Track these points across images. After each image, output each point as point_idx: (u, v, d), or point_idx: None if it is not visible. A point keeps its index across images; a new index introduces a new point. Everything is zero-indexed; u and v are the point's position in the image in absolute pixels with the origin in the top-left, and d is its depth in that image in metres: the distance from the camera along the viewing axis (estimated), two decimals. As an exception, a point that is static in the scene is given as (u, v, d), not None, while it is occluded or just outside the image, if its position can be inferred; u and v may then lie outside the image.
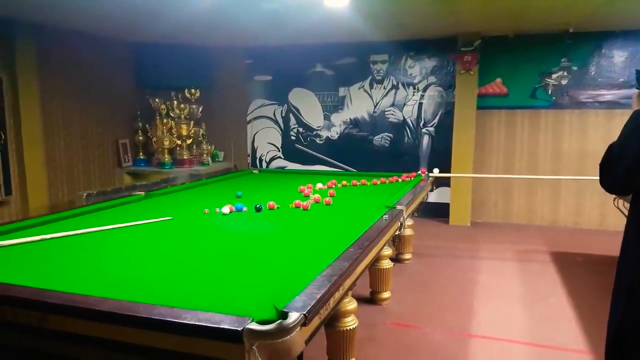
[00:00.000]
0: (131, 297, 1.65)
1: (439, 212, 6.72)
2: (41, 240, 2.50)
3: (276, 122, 7.50)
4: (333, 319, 2.43)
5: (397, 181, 4.74)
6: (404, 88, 6.86)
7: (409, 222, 4.53)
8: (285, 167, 7.30)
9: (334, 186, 4.36)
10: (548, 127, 6.41)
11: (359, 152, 7.10)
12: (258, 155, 7.65)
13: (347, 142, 7.18)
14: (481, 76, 6.40)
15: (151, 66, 6.77)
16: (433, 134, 6.82)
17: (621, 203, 4.60)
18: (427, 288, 4.27)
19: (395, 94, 6.90)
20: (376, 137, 7.05)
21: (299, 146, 7.43)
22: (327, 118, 7.24)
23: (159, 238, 2.67)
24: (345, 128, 7.18)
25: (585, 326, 3.46)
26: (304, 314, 1.49)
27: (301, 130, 7.39)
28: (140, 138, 6.89)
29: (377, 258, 3.48)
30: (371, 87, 6.99)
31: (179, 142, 6.84)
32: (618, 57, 6.05)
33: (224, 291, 1.83)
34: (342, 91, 7.13)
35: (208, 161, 7.12)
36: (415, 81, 6.81)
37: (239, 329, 1.37)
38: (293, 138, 7.45)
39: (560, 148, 6.38)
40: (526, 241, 5.74)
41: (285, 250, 2.43)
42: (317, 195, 3.74)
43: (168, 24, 5.21)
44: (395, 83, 6.88)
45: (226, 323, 1.41)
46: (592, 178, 5.58)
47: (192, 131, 6.92)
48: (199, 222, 3.05)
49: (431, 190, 5.04)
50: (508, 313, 3.72)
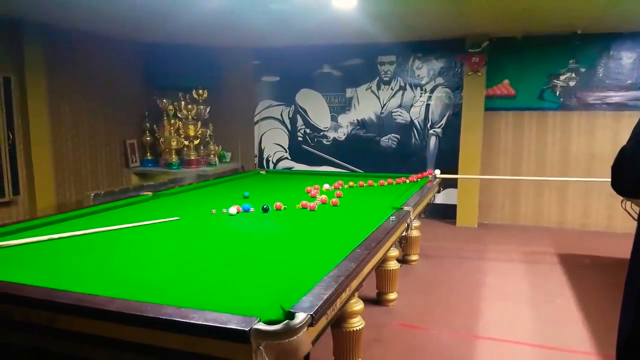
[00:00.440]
0: (139, 297, 1.65)
1: (446, 214, 6.71)
2: (49, 240, 2.51)
3: (283, 123, 7.51)
4: (340, 320, 2.43)
5: (405, 182, 4.73)
6: (412, 89, 6.85)
7: (416, 224, 4.53)
8: (292, 168, 7.30)
9: (341, 187, 4.36)
10: (556, 129, 6.38)
11: (366, 153, 7.09)
12: (265, 156, 7.66)
13: (354, 143, 7.17)
14: (489, 77, 6.38)
15: (159, 67, 6.81)
16: (440, 136, 6.81)
17: (629, 205, 4.57)
18: (434, 289, 4.26)
19: (402, 95, 6.89)
20: (383, 138, 7.04)
21: (306, 147, 7.43)
22: (334, 119, 7.24)
23: (167, 238, 2.68)
24: (352, 129, 7.18)
25: (592, 328, 3.44)
26: (311, 315, 1.49)
27: (308, 131, 7.40)
28: (147, 138, 6.92)
29: (384, 259, 3.49)
30: (378, 88, 6.98)
31: (187, 143, 6.87)
32: (626, 59, 6.02)
33: (231, 291, 1.83)
34: (350, 92, 7.13)
35: (215, 162, 7.14)
36: (422, 82, 6.80)
37: (246, 329, 1.37)
38: (300, 139, 7.46)
39: (567, 150, 6.35)
40: (533, 243, 5.71)
41: (292, 250, 2.43)
42: (324, 196, 3.73)
43: (176, 25, 5.24)
44: (402, 84, 6.87)
45: (233, 323, 1.41)
46: (600, 180, 5.66)
47: (200, 132, 6.95)
48: (206, 223, 3.05)
49: (438, 191, 5.04)
50: (515, 315, 3.70)
